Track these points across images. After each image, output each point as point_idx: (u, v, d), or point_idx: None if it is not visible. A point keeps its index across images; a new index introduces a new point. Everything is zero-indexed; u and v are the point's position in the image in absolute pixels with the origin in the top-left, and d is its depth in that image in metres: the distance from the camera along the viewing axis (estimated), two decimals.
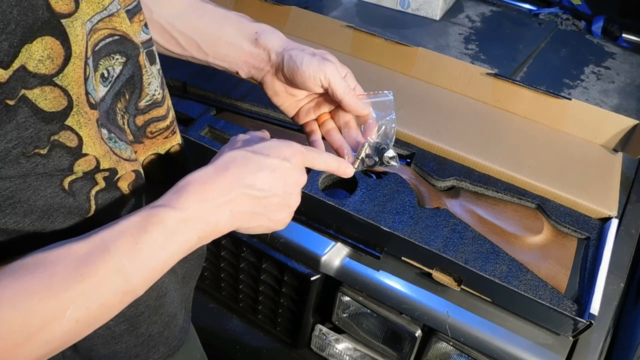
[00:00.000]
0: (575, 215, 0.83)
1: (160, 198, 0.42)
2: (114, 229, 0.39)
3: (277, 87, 0.60)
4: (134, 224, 0.39)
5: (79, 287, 0.37)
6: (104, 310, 0.39)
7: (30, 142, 0.36)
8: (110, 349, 0.52)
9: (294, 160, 0.48)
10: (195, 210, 0.42)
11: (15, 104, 0.34)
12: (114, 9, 0.41)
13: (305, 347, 0.97)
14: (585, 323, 0.65)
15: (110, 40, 0.41)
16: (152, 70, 0.48)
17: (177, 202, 0.41)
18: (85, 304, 0.37)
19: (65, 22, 0.35)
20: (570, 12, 1.44)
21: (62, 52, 0.35)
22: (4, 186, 0.36)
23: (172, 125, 0.52)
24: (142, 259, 0.39)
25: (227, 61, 0.60)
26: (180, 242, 0.41)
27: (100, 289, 0.38)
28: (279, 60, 0.57)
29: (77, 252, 0.37)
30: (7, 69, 0.32)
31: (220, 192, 0.43)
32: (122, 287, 0.39)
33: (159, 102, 0.48)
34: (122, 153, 0.45)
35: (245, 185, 0.44)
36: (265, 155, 0.46)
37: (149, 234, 0.39)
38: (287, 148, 0.48)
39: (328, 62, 0.56)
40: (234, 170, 0.44)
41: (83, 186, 0.42)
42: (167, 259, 0.41)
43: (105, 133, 0.42)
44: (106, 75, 0.42)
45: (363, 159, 0.59)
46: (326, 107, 0.61)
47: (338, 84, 0.55)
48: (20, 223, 0.39)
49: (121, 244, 0.38)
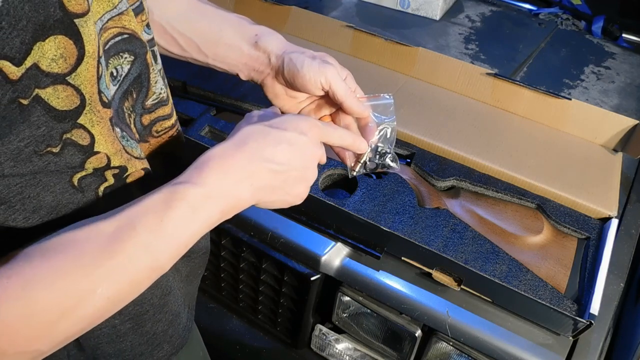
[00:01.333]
0: (575, 215, 0.83)
1: (182, 174, 0.42)
2: (139, 207, 0.40)
3: (277, 89, 0.60)
4: (158, 202, 0.40)
5: (109, 264, 0.37)
6: (133, 287, 0.40)
7: (42, 140, 0.36)
8: (115, 347, 0.53)
9: (311, 133, 0.48)
10: (217, 186, 0.42)
11: (29, 104, 0.34)
12: (124, 7, 0.41)
13: (305, 347, 0.97)
14: (585, 323, 0.65)
15: (120, 39, 0.41)
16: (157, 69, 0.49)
17: (199, 178, 0.42)
18: (116, 281, 0.38)
19: (79, 22, 0.35)
20: (570, 12, 1.44)
21: (75, 52, 0.35)
22: (13, 182, 0.36)
23: (176, 124, 0.52)
24: (167, 236, 0.40)
25: (227, 63, 0.60)
26: (203, 217, 0.42)
27: (130, 266, 0.38)
28: (279, 63, 0.57)
29: (105, 231, 0.38)
30: (19, 66, 0.32)
31: (240, 167, 0.44)
32: (150, 264, 0.39)
33: (164, 100, 0.49)
34: (133, 151, 0.45)
35: (264, 159, 0.45)
36: (283, 129, 0.46)
37: (173, 211, 0.40)
38: (304, 122, 0.48)
39: (328, 64, 0.55)
40: (252, 145, 0.45)
41: (92, 182, 0.42)
42: (192, 234, 0.42)
43: (118, 132, 0.43)
44: (115, 74, 0.42)
45: (365, 162, 0.59)
46: (327, 109, 0.61)
47: (339, 86, 0.55)
48: (30, 219, 0.39)
49: (147, 222, 0.39)
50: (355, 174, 0.59)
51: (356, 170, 0.59)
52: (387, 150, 0.59)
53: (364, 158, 0.58)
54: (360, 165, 0.59)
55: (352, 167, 0.60)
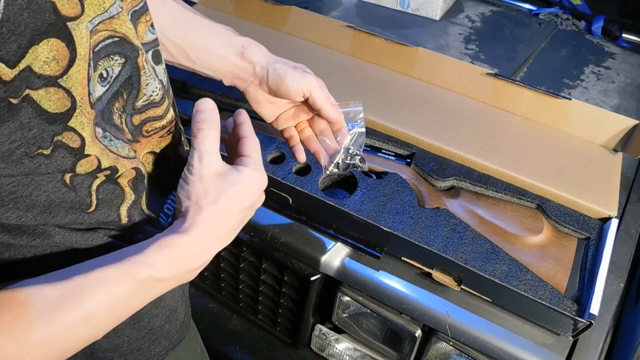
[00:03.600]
0: (575, 215, 0.83)
1: (141, 252, 0.42)
2: (89, 278, 0.39)
3: (259, 96, 0.66)
4: (111, 276, 0.40)
5: (43, 333, 0.36)
6: (66, 354, 0.39)
7: (33, 142, 0.36)
8: (112, 342, 0.53)
9: (259, 198, 0.52)
10: (171, 272, 0.44)
11: (19, 103, 0.34)
12: (115, 12, 0.42)
13: (305, 347, 0.97)
14: (585, 323, 0.65)
15: (110, 42, 0.42)
16: (158, 70, 0.49)
17: (157, 262, 0.43)
18: (47, 350, 0.37)
19: (71, 25, 0.36)
20: (570, 12, 1.44)
21: (67, 54, 0.36)
22: (6, 182, 0.37)
23: (168, 125, 0.52)
24: (113, 310, 0.40)
25: (213, 70, 0.65)
26: (151, 296, 0.44)
27: (65, 336, 0.38)
28: (263, 73, 0.63)
29: (49, 296, 0.37)
30: (13, 68, 0.33)
31: (197, 258, 0.46)
32: (87, 335, 0.40)
33: (156, 102, 0.49)
34: (120, 151, 0.45)
35: (226, 237, 0.48)
36: (239, 202, 0.48)
37: (123, 288, 0.41)
38: (259, 186, 0.50)
39: (309, 74, 0.62)
40: (217, 232, 0.47)
41: (84, 180, 0.43)
42: (136, 309, 0.43)
43: (99, 132, 0.43)
44: (105, 75, 0.43)
45: (338, 162, 0.67)
46: (304, 115, 0.67)
47: (318, 94, 0.62)
48: (23, 217, 0.39)
49: (95, 295, 0.39)
50: (328, 172, 0.67)
51: (329, 169, 0.67)
52: (357, 153, 0.67)
53: (337, 159, 0.66)
54: (333, 165, 0.67)
55: (326, 167, 0.67)
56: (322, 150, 0.67)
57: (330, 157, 0.67)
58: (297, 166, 0.88)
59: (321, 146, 0.68)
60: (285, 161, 0.87)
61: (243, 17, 1.23)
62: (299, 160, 0.68)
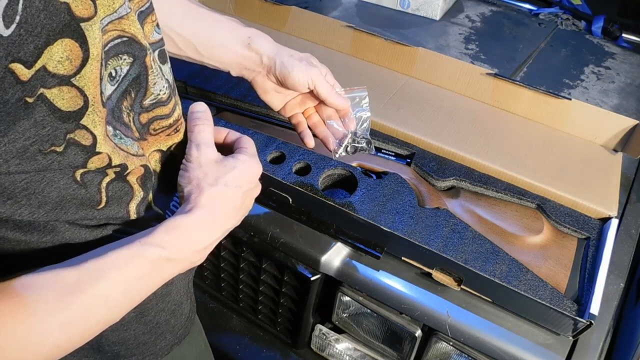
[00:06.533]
0: (575, 215, 0.83)
1: (152, 234, 0.45)
2: (104, 260, 0.41)
3: (267, 86, 0.68)
4: (124, 258, 0.42)
5: (64, 315, 0.38)
6: (84, 337, 0.41)
7: (47, 139, 0.37)
8: (119, 335, 0.54)
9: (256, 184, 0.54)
10: (180, 251, 0.46)
11: (34, 102, 0.35)
12: (124, 12, 0.42)
13: (305, 347, 0.97)
14: (585, 323, 0.65)
15: (119, 42, 0.43)
16: (164, 69, 0.50)
17: (166, 241, 0.45)
18: (69, 331, 0.39)
19: (84, 26, 0.36)
20: (570, 12, 1.44)
21: (81, 54, 0.37)
22: (19, 179, 0.38)
23: (175, 124, 0.53)
24: (128, 291, 0.42)
25: (221, 62, 0.66)
26: (163, 277, 0.46)
27: (85, 318, 0.40)
28: (271, 64, 0.65)
29: (66, 280, 0.39)
30: (30, 68, 0.33)
31: (204, 238, 0.48)
32: (106, 317, 0.42)
33: (163, 101, 0.50)
34: (129, 149, 0.47)
35: (227, 225, 0.51)
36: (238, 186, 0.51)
37: (137, 269, 0.43)
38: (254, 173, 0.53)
39: (314, 67, 0.65)
40: (218, 214, 0.49)
41: (94, 177, 0.44)
42: (150, 290, 0.45)
43: (110, 130, 0.44)
44: (114, 74, 0.43)
45: (346, 146, 0.70)
46: (310, 102, 0.71)
47: (322, 86, 0.65)
48: (35, 214, 0.40)
49: (111, 276, 0.41)
50: (337, 156, 0.71)
51: (338, 153, 0.70)
52: (364, 136, 0.70)
53: (345, 143, 0.70)
54: (342, 148, 0.70)
55: (335, 150, 0.70)
56: (330, 135, 0.71)
57: (339, 141, 0.70)
58: (297, 166, 0.88)
59: (329, 131, 0.71)
60: (285, 161, 0.87)
61: (243, 17, 1.23)
62: (307, 145, 0.71)
